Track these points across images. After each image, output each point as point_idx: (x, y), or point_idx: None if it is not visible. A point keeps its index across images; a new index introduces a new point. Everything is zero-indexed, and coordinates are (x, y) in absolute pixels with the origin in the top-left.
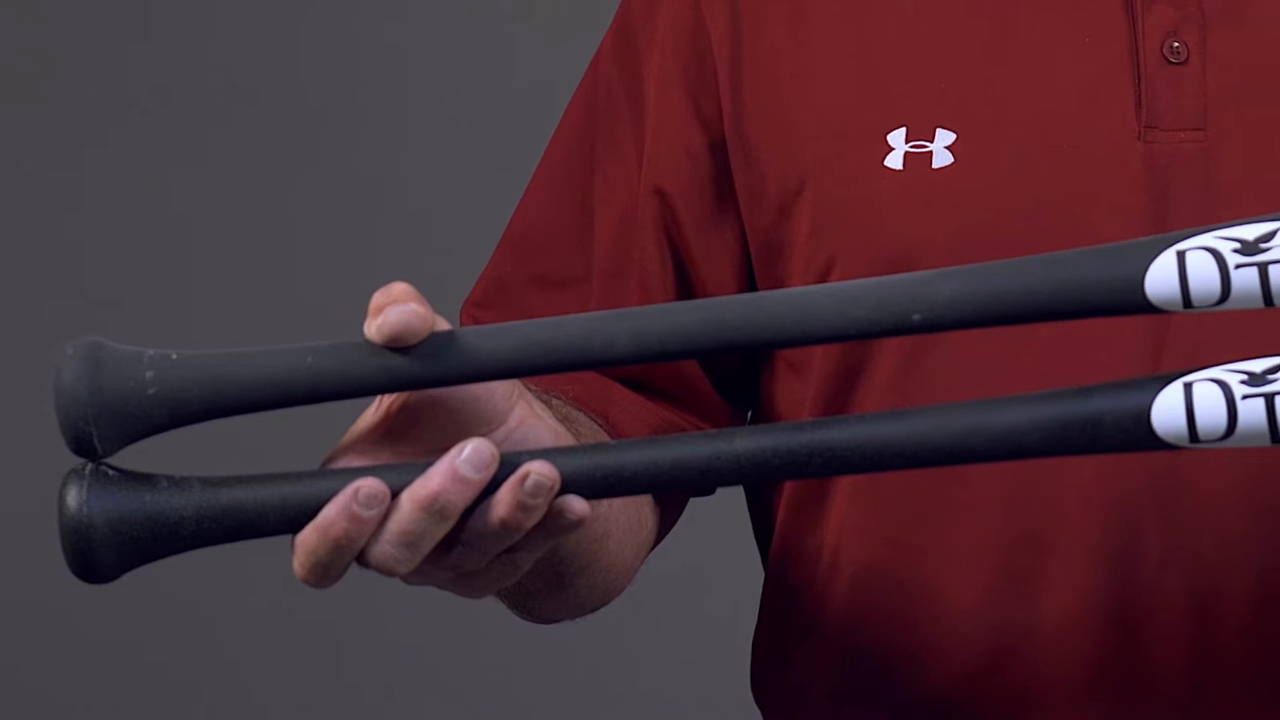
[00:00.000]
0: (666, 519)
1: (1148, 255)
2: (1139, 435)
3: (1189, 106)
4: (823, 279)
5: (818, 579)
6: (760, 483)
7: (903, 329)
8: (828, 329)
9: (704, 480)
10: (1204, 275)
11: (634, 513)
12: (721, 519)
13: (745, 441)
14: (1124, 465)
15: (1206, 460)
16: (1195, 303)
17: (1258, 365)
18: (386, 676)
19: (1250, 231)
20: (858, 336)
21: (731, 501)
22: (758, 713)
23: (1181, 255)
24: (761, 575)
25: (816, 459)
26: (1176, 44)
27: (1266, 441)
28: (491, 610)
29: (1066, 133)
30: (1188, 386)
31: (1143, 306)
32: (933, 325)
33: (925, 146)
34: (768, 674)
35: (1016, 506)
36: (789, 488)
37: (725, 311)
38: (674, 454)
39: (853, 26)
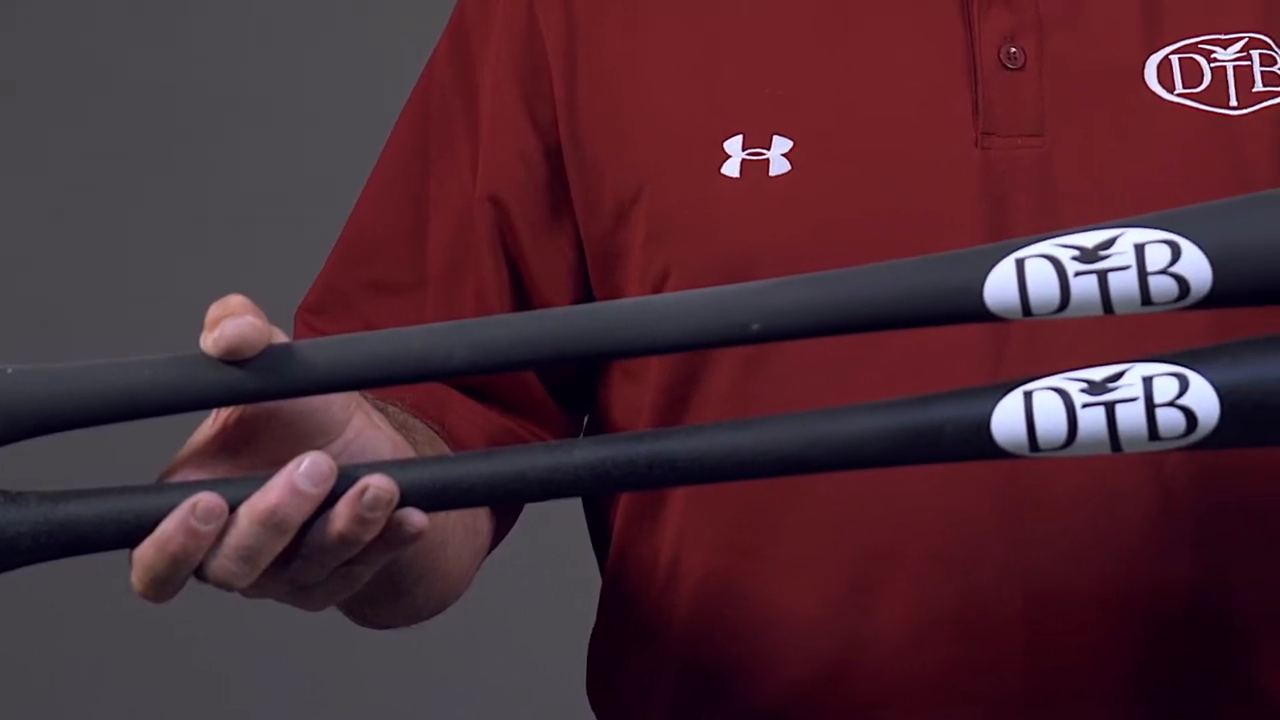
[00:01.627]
0: (502, 525)
1: (987, 263)
2: (980, 444)
3: (1026, 112)
4: (659, 287)
5: (655, 587)
6: (600, 494)
7: (742, 339)
8: (667, 339)
9: (543, 492)
10: (1043, 283)
11: (470, 520)
12: (561, 524)
13: (585, 453)
14: (965, 474)
15: (1047, 469)
16: (1035, 310)
17: (1097, 373)
18: (244, 675)
19: (1089, 239)
20: (697, 347)
21: (572, 505)
22: None
23: (1021, 263)
24: (599, 582)
25: (656, 470)
26: (1014, 49)
27: (1106, 450)
28: (330, 613)
29: (903, 139)
30: (1028, 395)
31: (982, 315)
32: (772, 335)
33: (762, 154)
34: (604, 682)
35: (858, 516)
36: (626, 495)
37: (564, 322)
38: (513, 466)
39: (690, 32)
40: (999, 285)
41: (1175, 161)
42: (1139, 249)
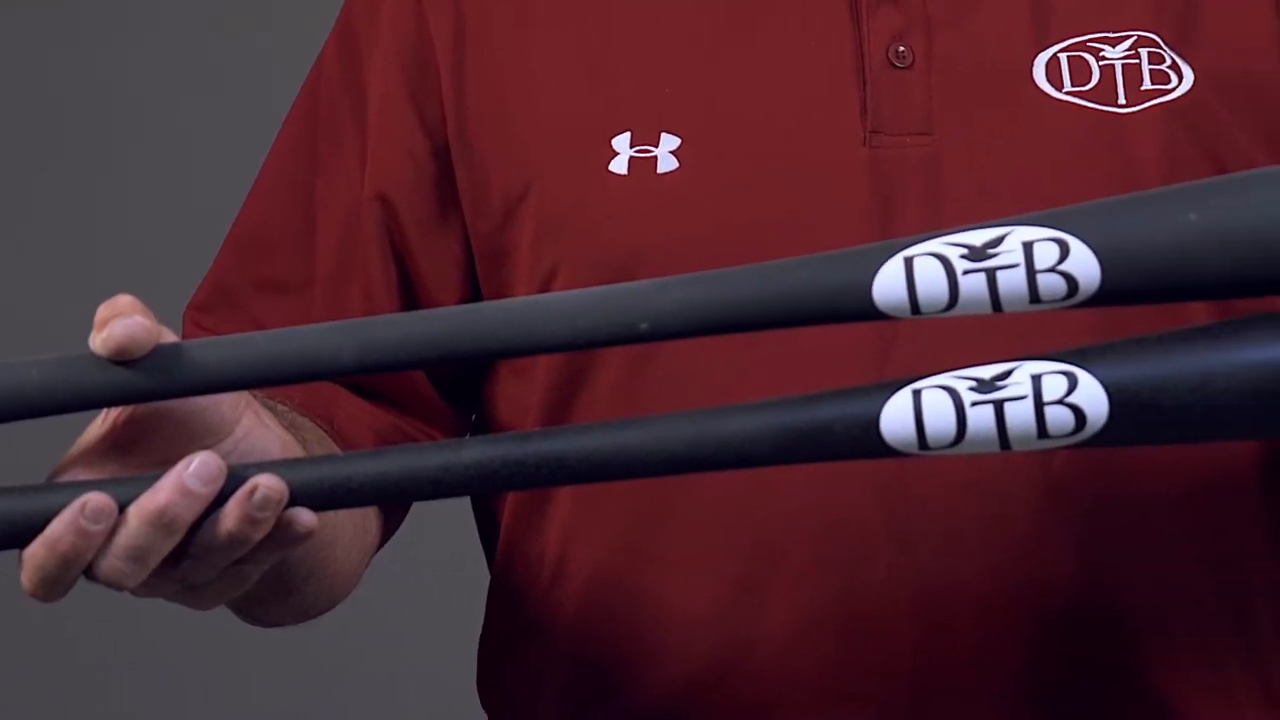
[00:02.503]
0: (390, 523)
1: (875, 262)
2: (868, 442)
3: (914, 111)
4: (547, 285)
5: (543, 585)
6: (490, 493)
7: (631, 338)
8: (555, 338)
9: (433, 491)
10: (932, 281)
11: (359, 519)
12: (450, 523)
13: (474, 452)
14: (851, 474)
15: (933, 468)
16: (923, 309)
17: (986, 372)
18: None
19: (978, 237)
20: (586, 346)
21: (460, 504)
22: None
23: (909, 262)
24: (488, 580)
25: (545, 468)
26: (902, 48)
27: (996, 448)
28: (218, 611)
29: (792, 138)
30: (917, 394)
31: (871, 313)
32: (661, 334)
33: (650, 151)
34: (493, 679)
35: (744, 516)
36: (513, 493)
37: (453, 322)
38: (402, 465)
39: (578, 30)
40: (887, 284)
41: (1063, 159)
42: (1027, 247)
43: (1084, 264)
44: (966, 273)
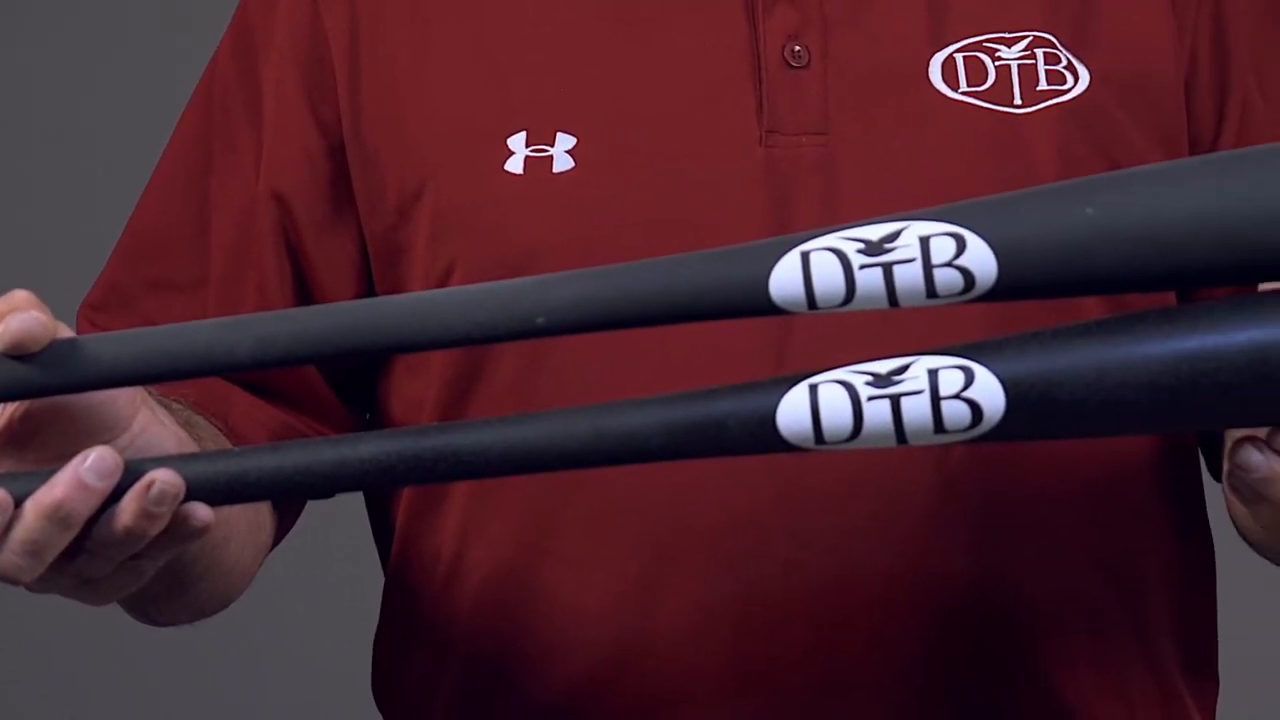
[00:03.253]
0: (285, 521)
1: (772, 257)
2: (765, 437)
3: (810, 111)
4: (442, 283)
5: (438, 582)
6: (387, 488)
7: (527, 332)
8: (451, 333)
9: (330, 486)
10: (828, 276)
11: (254, 516)
12: (344, 520)
13: (370, 447)
14: (748, 468)
15: (828, 463)
16: (820, 304)
17: (882, 366)
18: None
19: (874, 232)
20: (483, 340)
21: (354, 500)
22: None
23: (806, 256)
24: (382, 578)
25: (442, 463)
26: (798, 48)
27: (892, 442)
28: (108, 608)
29: (688, 137)
30: (813, 388)
31: (768, 308)
32: (558, 328)
33: (546, 150)
34: (388, 678)
35: (640, 512)
36: (408, 489)
37: (348, 317)
38: (298, 460)
39: (473, 29)
40: (784, 278)
41: (959, 159)
42: (924, 242)
43: (980, 258)
44: (863, 267)
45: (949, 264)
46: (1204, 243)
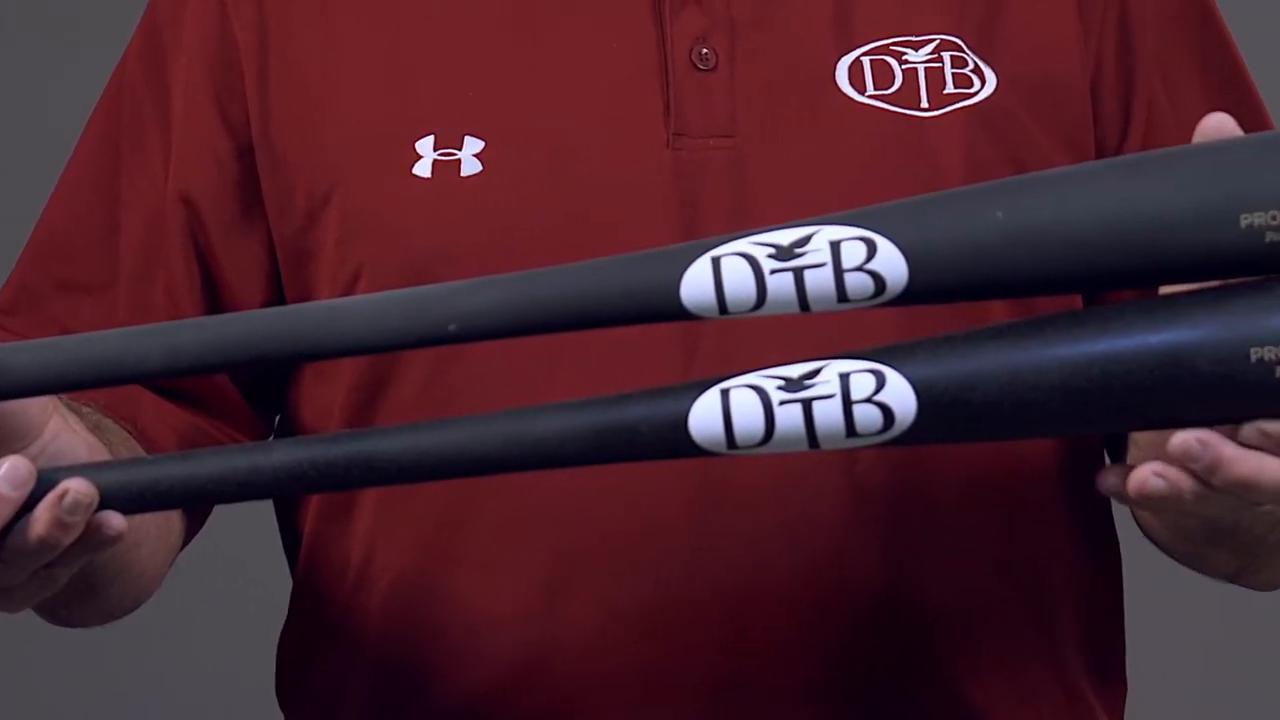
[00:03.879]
0: (194, 524)
1: (683, 262)
2: (677, 442)
3: (718, 113)
4: (350, 287)
5: (346, 588)
6: (300, 494)
7: (439, 339)
8: (363, 341)
9: (241, 493)
10: (739, 281)
11: (163, 520)
12: (251, 524)
13: (282, 454)
14: (655, 474)
15: (737, 467)
16: (731, 308)
17: (794, 370)
18: None
19: (785, 236)
20: (395, 347)
21: (262, 504)
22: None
23: (717, 261)
24: (289, 583)
25: (354, 470)
26: (705, 50)
27: (804, 446)
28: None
29: (595, 140)
30: (725, 393)
31: (680, 313)
32: (469, 335)
33: (454, 154)
34: (293, 681)
35: (548, 517)
36: (317, 495)
37: (262, 324)
38: (211, 468)
39: (382, 33)
40: (695, 283)
41: (865, 162)
42: (834, 246)
43: (891, 262)
44: (774, 272)
45: (859, 268)
46: (1113, 245)
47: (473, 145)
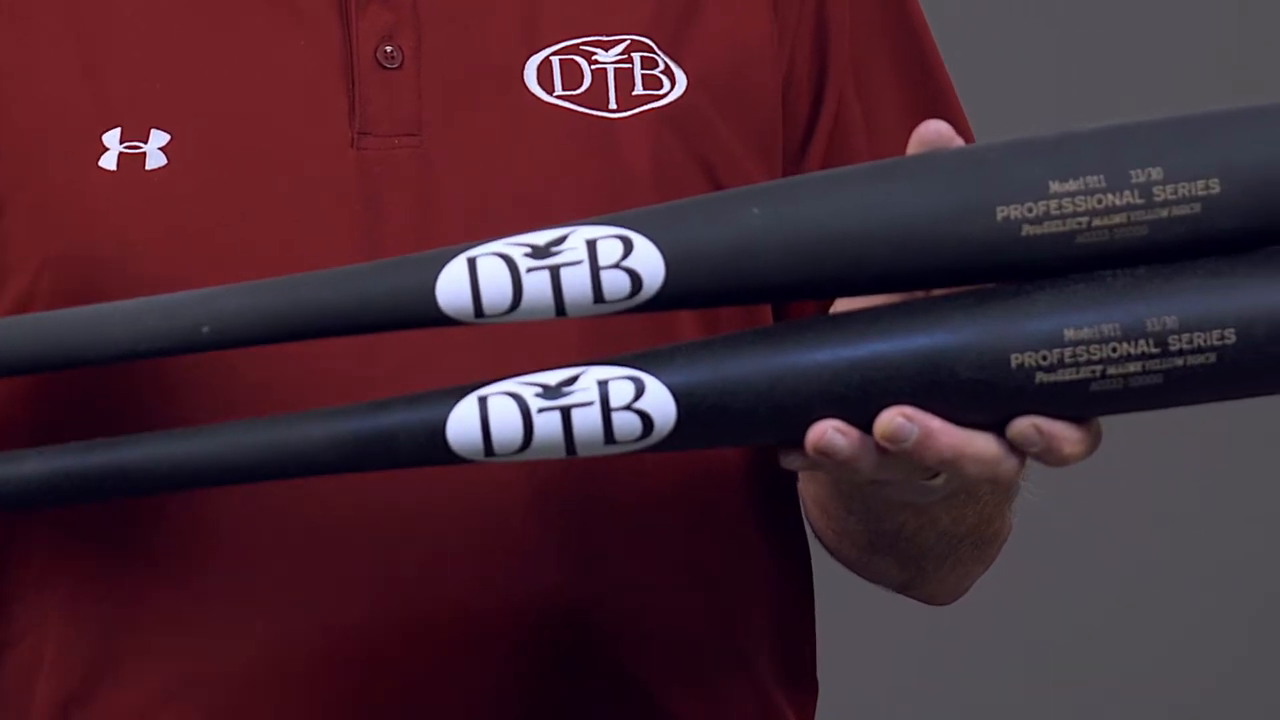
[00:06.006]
0: None
1: (439, 264)
2: (434, 450)
3: (403, 112)
4: (38, 277)
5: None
6: (56, 506)
7: (194, 344)
8: (117, 346)
9: None
10: (495, 281)
11: None
12: None
13: (36, 464)
14: (328, 488)
15: (418, 478)
16: (487, 311)
17: (553, 377)
18: None
19: (542, 237)
20: (149, 354)
21: None
22: None
23: (473, 262)
24: None
25: (109, 481)
26: (390, 48)
27: (563, 454)
28: None
29: (279, 138)
30: (483, 400)
31: (437, 318)
32: (225, 340)
33: (139, 147)
34: None
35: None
36: None
37: (13, 332)
38: None
39: (69, 24)
40: (451, 285)
41: (553, 163)
42: (591, 244)
43: (648, 260)
44: (530, 270)
45: (616, 265)
46: (872, 241)
47: (159, 138)
